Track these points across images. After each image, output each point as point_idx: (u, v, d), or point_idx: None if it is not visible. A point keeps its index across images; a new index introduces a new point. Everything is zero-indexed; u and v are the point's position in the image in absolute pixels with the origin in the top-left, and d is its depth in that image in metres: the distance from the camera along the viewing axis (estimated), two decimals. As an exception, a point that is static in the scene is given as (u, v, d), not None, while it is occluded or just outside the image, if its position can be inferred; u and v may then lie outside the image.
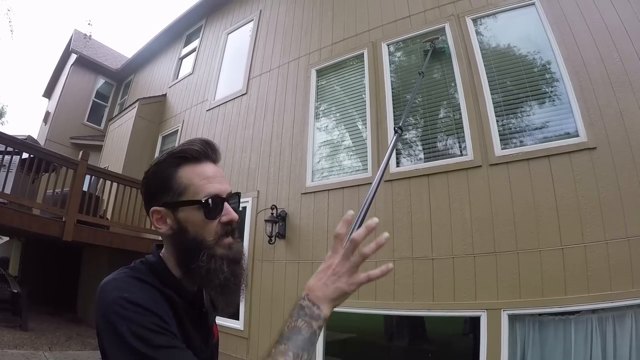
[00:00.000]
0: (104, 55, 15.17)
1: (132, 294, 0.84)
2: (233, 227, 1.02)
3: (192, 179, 0.98)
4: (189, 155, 1.00)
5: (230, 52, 8.82)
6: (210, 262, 0.93)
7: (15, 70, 77.82)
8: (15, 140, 6.07)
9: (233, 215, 1.01)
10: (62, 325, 7.83)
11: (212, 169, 1.02)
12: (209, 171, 1.01)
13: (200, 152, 1.01)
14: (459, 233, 4.13)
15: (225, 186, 1.02)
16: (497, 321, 3.61)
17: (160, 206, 0.99)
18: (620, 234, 3.31)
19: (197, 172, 0.99)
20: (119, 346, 0.78)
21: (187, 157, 1.00)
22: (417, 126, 5.04)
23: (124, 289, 0.85)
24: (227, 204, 1.01)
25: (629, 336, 3.08)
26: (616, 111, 3.65)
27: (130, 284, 0.88)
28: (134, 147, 9.38)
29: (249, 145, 6.89)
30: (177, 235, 0.98)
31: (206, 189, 0.97)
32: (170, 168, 1.00)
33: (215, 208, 0.97)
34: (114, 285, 0.88)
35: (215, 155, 1.05)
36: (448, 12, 5.12)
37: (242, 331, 5.56)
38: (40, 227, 6.01)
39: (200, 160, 1.01)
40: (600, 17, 4.05)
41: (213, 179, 1.00)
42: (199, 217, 0.96)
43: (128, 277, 0.91)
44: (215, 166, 1.04)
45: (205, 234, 0.96)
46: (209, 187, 0.98)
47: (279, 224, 5.62)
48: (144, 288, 0.89)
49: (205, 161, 1.02)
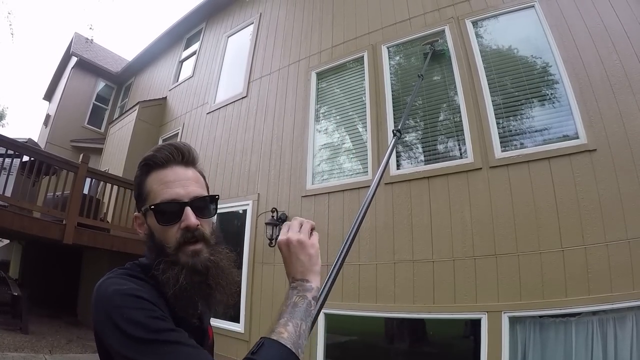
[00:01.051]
0: (104, 58, 15.20)
1: (129, 288, 0.85)
2: (195, 234, 0.96)
3: (153, 185, 0.99)
4: (153, 162, 1.01)
5: (231, 55, 8.83)
6: (167, 271, 0.91)
7: (15, 73, 77.94)
8: (15, 143, 6.07)
9: (189, 221, 0.95)
10: (63, 328, 7.81)
11: (176, 173, 1.00)
12: (170, 176, 0.99)
13: (165, 157, 1.00)
14: (460, 235, 4.13)
15: (189, 189, 0.99)
16: (498, 323, 3.61)
17: (138, 212, 1.04)
18: (621, 235, 3.31)
19: (159, 177, 0.99)
20: (120, 336, 0.78)
21: (152, 164, 1.01)
22: (417, 129, 5.04)
23: (120, 284, 0.86)
24: (189, 208, 0.96)
25: (630, 338, 3.08)
26: (616, 113, 3.66)
27: (126, 280, 0.89)
28: (134, 150, 9.37)
29: (250, 148, 6.89)
30: (148, 240, 1.00)
31: (161, 194, 0.97)
32: (142, 175, 1.02)
33: (168, 213, 0.96)
34: (110, 282, 0.88)
35: (183, 158, 1.03)
36: (448, 15, 5.13)
37: (243, 334, 5.55)
38: (40, 230, 6.01)
39: (165, 166, 1.00)
40: (599, 19, 4.06)
41: (172, 183, 0.98)
42: (156, 224, 0.97)
43: (123, 276, 0.92)
44: (184, 170, 1.02)
45: (166, 240, 0.96)
46: (164, 192, 0.97)
47: (280, 227, 5.62)
48: (140, 283, 0.89)
49: (171, 166, 1.01)
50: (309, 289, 0.96)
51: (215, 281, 0.96)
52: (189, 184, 1.00)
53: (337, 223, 5.12)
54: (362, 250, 4.67)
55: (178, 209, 0.96)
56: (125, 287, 0.85)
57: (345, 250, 1.26)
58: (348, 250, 1.27)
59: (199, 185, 1.03)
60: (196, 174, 1.05)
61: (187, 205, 0.96)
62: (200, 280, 0.93)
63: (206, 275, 0.94)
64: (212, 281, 0.95)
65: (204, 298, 0.95)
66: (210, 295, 0.95)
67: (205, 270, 0.94)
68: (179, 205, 0.96)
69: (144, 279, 0.92)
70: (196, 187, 1.01)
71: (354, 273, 4.65)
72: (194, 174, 1.04)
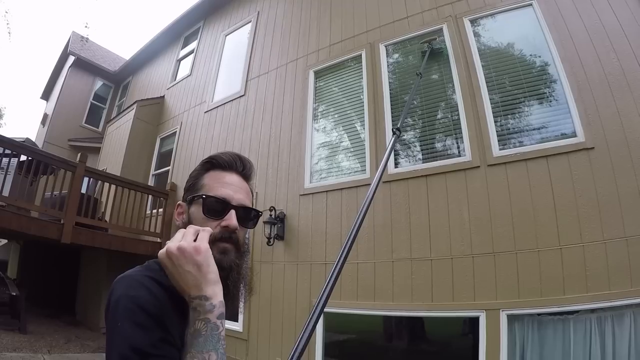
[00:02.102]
0: (102, 57, 15.16)
1: (139, 296, 0.84)
2: (231, 236, 1.02)
3: (210, 181, 1.07)
4: (216, 162, 1.10)
5: (228, 53, 8.82)
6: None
7: (13, 72, 77.66)
8: (13, 142, 6.06)
9: (231, 222, 1.01)
10: (61, 328, 7.81)
11: (233, 179, 1.09)
12: (228, 179, 1.08)
13: (227, 161, 1.10)
14: (458, 234, 4.13)
15: (239, 196, 1.06)
16: (496, 321, 3.61)
17: (183, 201, 1.11)
18: (619, 233, 3.32)
19: (217, 176, 1.08)
20: (111, 344, 0.80)
21: (214, 163, 1.10)
22: (415, 127, 5.04)
23: (134, 288, 0.86)
24: (234, 212, 1.03)
25: (628, 335, 3.09)
26: (614, 111, 3.67)
27: (141, 284, 0.88)
28: (132, 149, 9.37)
29: (247, 147, 6.88)
30: (184, 227, 1.01)
31: (215, 190, 1.04)
32: (202, 170, 1.11)
33: (216, 208, 1.02)
34: (126, 283, 0.89)
35: (244, 169, 1.12)
36: (446, 13, 5.13)
37: (242, 333, 5.55)
38: (38, 229, 5.99)
39: (226, 169, 1.10)
40: (597, 18, 4.07)
41: (228, 185, 1.06)
42: (200, 212, 1.03)
43: (142, 276, 0.91)
44: (240, 179, 1.11)
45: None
46: (218, 189, 1.05)
47: (278, 226, 5.62)
48: (154, 288, 0.88)
49: (231, 171, 1.10)
50: (209, 308, 0.84)
51: (233, 284, 1.01)
52: (241, 192, 1.08)
53: (335, 222, 5.13)
54: (360, 249, 4.67)
55: (225, 208, 1.03)
56: (135, 293, 0.85)
57: (345, 252, 1.27)
58: (349, 251, 1.28)
59: (248, 198, 1.11)
60: (249, 188, 1.14)
61: (233, 209, 1.03)
62: (221, 276, 0.94)
63: (228, 274, 0.99)
64: (231, 283, 1.00)
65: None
66: (225, 295, 0.94)
67: (229, 270, 0.99)
68: (227, 205, 1.03)
69: (161, 282, 0.91)
70: (245, 197, 1.09)
71: (353, 271, 4.65)
72: (247, 187, 1.13)
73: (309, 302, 4.95)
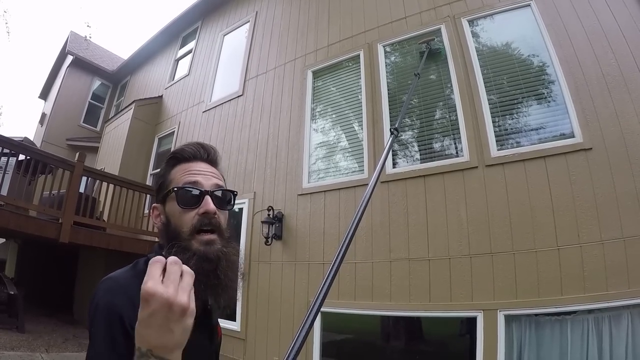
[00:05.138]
0: (100, 56, 15.13)
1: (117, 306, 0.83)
2: (211, 222, 0.99)
3: (177, 175, 1.05)
4: (180, 156, 1.08)
5: (226, 53, 8.81)
6: (178, 255, 0.78)
7: (11, 72, 77.44)
8: (11, 142, 6.04)
9: (208, 206, 0.99)
10: (59, 327, 7.79)
11: (200, 166, 1.07)
12: (195, 166, 1.06)
13: (191, 152, 1.08)
14: (455, 234, 4.13)
15: (211, 181, 1.04)
16: (494, 322, 3.62)
17: (157, 203, 1.07)
18: (616, 234, 3.32)
19: (184, 168, 1.06)
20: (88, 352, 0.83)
21: (178, 157, 1.08)
22: (413, 127, 5.04)
23: (114, 294, 0.86)
24: (209, 197, 1.01)
25: (625, 336, 3.09)
26: (612, 112, 3.67)
27: (123, 289, 0.86)
28: (130, 148, 9.37)
29: (246, 147, 6.88)
30: (163, 228, 1.02)
31: (183, 179, 1.03)
32: (167, 167, 1.08)
33: (190, 198, 1.00)
34: (107, 287, 0.89)
35: (208, 155, 1.10)
36: (444, 14, 5.13)
37: (239, 332, 5.55)
38: (36, 229, 5.98)
39: (191, 160, 1.07)
40: (595, 18, 4.07)
41: (196, 172, 1.04)
42: (175, 207, 1.00)
43: (126, 278, 0.91)
44: (207, 165, 1.09)
45: (182, 225, 0.98)
46: (186, 177, 1.03)
47: (276, 225, 5.62)
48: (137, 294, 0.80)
49: (196, 161, 1.08)
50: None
51: (224, 273, 0.97)
52: (211, 177, 1.06)
53: (333, 221, 5.12)
54: (358, 249, 4.67)
55: (198, 194, 1.01)
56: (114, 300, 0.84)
57: (342, 251, 1.27)
58: (346, 251, 1.27)
59: (220, 180, 1.09)
60: (218, 172, 1.12)
61: (207, 194, 1.01)
62: (209, 268, 0.94)
63: (216, 265, 0.96)
64: (221, 272, 0.96)
65: (211, 288, 0.94)
66: (217, 286, 0.95)
67: (217, 260, 0.96)
68: (200, 192, 1.01)
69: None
70: (217, 180, 1.07)
71: (350, 271, 4.65)
72: (216, 171, 1.11)
73: (306, 301, 4.95)
